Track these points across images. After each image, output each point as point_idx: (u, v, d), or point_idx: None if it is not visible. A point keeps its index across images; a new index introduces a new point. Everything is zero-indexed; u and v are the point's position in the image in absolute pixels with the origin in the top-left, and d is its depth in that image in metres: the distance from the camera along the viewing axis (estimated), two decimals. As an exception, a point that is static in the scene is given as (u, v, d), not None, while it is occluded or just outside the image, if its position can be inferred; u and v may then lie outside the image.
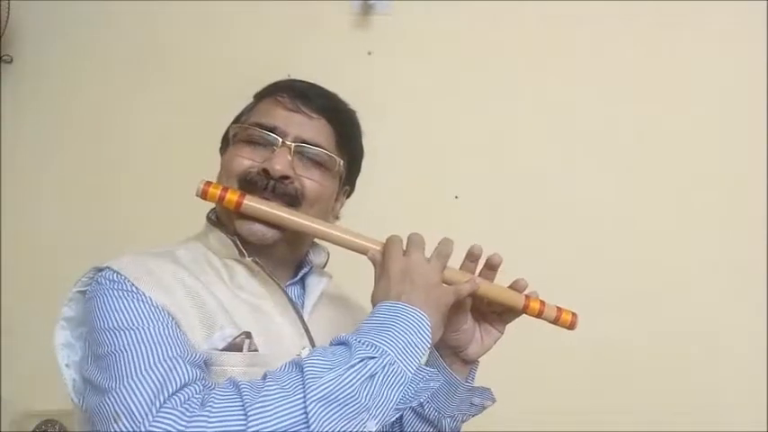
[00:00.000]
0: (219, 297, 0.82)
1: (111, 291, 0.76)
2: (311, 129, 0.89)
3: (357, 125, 0.98)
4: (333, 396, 0.65)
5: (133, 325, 0.73)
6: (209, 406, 0.64)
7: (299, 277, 0.94)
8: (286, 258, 0.92)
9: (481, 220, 1.69)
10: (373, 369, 0.68)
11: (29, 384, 1.69)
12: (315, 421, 0.64)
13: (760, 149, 1.66)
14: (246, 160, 0.87)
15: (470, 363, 0.93)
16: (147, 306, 0.75)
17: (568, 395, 1.63)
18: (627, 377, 1.63)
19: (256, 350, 0.79)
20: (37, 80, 1.81)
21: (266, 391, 0.65)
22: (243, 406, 0.64)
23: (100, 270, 0.80)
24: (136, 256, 0.83)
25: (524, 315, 0.90)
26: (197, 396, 0.66)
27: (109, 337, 0.72)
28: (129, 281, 0.77)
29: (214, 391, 0.67)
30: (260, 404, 0.64)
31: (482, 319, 0.92)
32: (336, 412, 0.65)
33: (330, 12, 1.77)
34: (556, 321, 0.90)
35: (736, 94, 1.69)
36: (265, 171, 0.85)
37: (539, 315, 0.89)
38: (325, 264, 0.99)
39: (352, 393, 0.66)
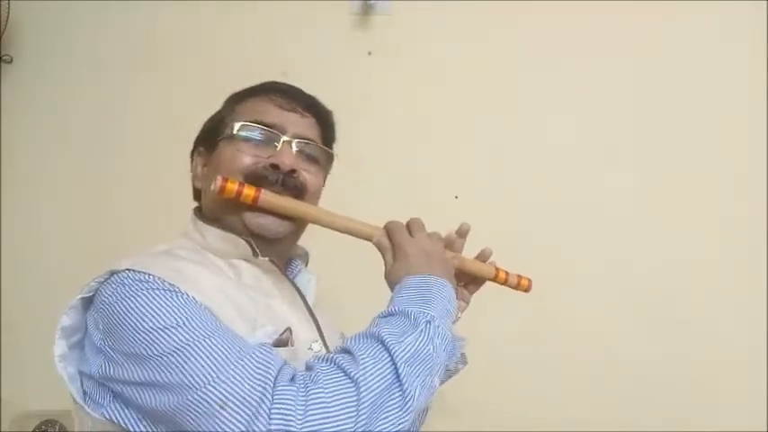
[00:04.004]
0: (244, 296, 0.82)
1: (145, 291, 0.74)
2: (305, 126, 0.94)
3: (334, 124, 1.03)
4: (415, 357, 0.72)
5: (186, 321, 0.71)
6: (320, 381, 0.68)
7: (295, 275, 0.97)
8: (286, 255, 0.96)
9: (481, 220, 1.68)
10: (432, 332, 0.76)
11: (29, 384, 1.68)
12: (405, 379, 0.70)
13: (760, 149, 1.66)
14: (249, 156, 0.89)
15: None
16: (193, 302, 0.74)
17: (568, 394, 1.63)
18: (626, 377, 1.63)
19: (294, 345, 0.82)
20: (37, 80, 1.81)
21: (362, 360, 0.70)
22: (349, 376, 0.69)
23: (116, 272, 0.77)
24: (150, 256, 0.82)
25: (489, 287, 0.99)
26: (301, 374, 0.70)
27: (162, 335, 0.70)
28: (162, 279, 0.75)
29: (316, 369, 0.70)
30: (362, 371, 0.69)
31: None
32: (421, 369, 0.72)
33: (330, 12, 1.77)
34: (516, 287, 1.01)
35: (737, 95, 1.68)
36: (274, 165, 0.88)
37: (504, 283, 1.00)
38: (306, 262, 1.03)
39: (428, 352, 0.74)
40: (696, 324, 1.63)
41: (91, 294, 0.79)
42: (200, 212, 0.94)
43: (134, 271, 0.76)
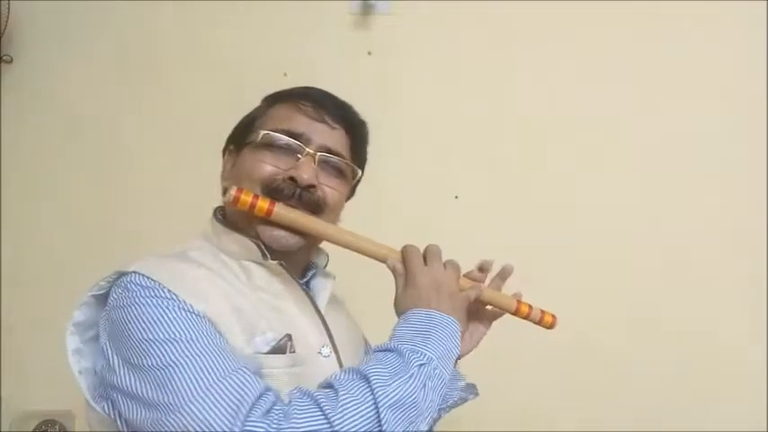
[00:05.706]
0: (251, 300, 0.82)
1: (147, 298, 0.74)
2: (333, 138, 0.91)
3: (367, 136, 1.01)
4: (400, 402, 0.70)
5: (183, 336, 0.71)
6: (294, 418, 0.66)
7: (308, 278, 0.96)
8: (299, 261, 0.94)
9: (481, 220, 1.69)
10: (426, 376, 0.74)
11: (29, 384, 1.69)
12: (386, 425, 0.68)
13: (760, 151, 1.66)
14: (270, 166, 0.88)
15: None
16: (189, 314, 0.74)
17: (567, 395, 1.63)
18: (627, 377, 1.63)
19: (294, 351, 0.81)
20: (37, 80, 1.81)
21: (342, 400, 0.69)
22: (325, 415, 0.67)
23: (124, 274, 0.78)
24: (160, 258, 0.82)
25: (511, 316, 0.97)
26: (277, 408, 0.68)
27: (157, 348, 0.70)
28: (164, 287, 0.75)
29: (293, 404, 0.68)
30: (341, 412, 0.67)
31: (470, 318, 0.96)
32: (404, 417, 0.70)
33: (330, 12, 1.77)
34: (539, 322, 0.98)
35: (737, 95, 1.68)
36: (292, 179, 0.86)
37: (526, 317, 0.97)
38: (326, 265, 1.01)
39: (415, 399, 0.72)
40: (696, 324, 1.63)
41: (102, 292, 0.79)
42: (221, 211, 0.94)
43: (140, 275, 0.76)
